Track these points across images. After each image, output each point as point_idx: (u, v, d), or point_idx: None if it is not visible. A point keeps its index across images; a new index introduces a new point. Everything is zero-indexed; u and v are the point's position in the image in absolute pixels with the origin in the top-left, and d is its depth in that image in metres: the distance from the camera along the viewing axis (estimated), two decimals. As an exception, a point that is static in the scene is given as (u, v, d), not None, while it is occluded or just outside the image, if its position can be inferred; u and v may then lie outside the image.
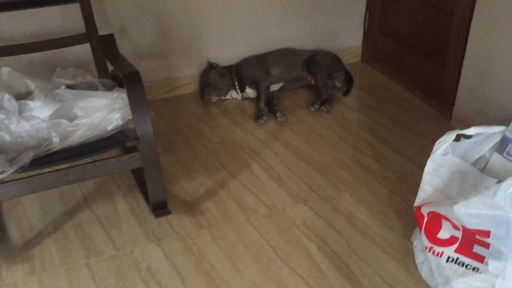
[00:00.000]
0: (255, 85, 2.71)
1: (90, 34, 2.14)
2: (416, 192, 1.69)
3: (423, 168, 1.65)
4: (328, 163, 2.24)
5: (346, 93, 2.82)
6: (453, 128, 1.67)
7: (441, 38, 2.50)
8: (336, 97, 2.77)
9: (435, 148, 1.65)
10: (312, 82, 2.83)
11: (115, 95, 1.90)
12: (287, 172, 2.19)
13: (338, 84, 2.83)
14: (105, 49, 2.15)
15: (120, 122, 1.87)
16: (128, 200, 2.03)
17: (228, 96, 2.80)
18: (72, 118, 1.88)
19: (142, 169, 1.82)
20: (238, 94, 2.79)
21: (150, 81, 2.77)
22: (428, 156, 1.64)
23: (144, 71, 2.74)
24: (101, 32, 2.19)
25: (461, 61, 2.36)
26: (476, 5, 2.20)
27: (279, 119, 2.57)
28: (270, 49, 2.93)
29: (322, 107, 2.64)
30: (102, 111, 1.86)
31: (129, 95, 1.73)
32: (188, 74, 2.85)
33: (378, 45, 3.04)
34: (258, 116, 2.58)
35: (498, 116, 2.19)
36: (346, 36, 3.12)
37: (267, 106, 2.67)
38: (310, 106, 2.66)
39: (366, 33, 3.12)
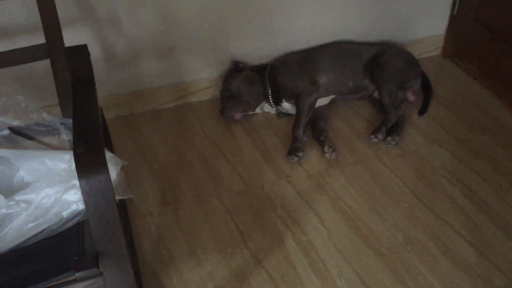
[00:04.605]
0: (295, 100, 1.94)
1: (50, 46, 1.40)
2: None
3: None
4: (399, 245, 1.51)
5: (422, 111, 2.01)
6: None
7: None
8: (408, 118, 1.98)
9: None
10: (376, 94, 2.03)
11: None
12: (337, 258, 1.48)
13: (411, 98, 2.02)
14: (73, 69, 1.41)
15: (80, 207, 1.19)
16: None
17: (258, 110, 2.05)
18: (12, 190, 1.22)
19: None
20: (272, 107, 2.03)
21: (153, 86, 2.04)
22: None
23: (145, 74, 2.02)
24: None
25: None
26: None
27: (327, 155, 1.82)
28: (318, 43, 2.12)
29: (389, 138, 1.86)
30: (54, 187, 1.19)
31: (81, 182, 1.01)
32: (204, 76, 2.09)
33: (471, 39, 2.17)
34: (291, 149, 1.82)
35: None
36: (424, 22, 2.26)
37: (312, 130, 1.92)
38: (372, 136, 1.88)
39: (453, 19, 2.24)
